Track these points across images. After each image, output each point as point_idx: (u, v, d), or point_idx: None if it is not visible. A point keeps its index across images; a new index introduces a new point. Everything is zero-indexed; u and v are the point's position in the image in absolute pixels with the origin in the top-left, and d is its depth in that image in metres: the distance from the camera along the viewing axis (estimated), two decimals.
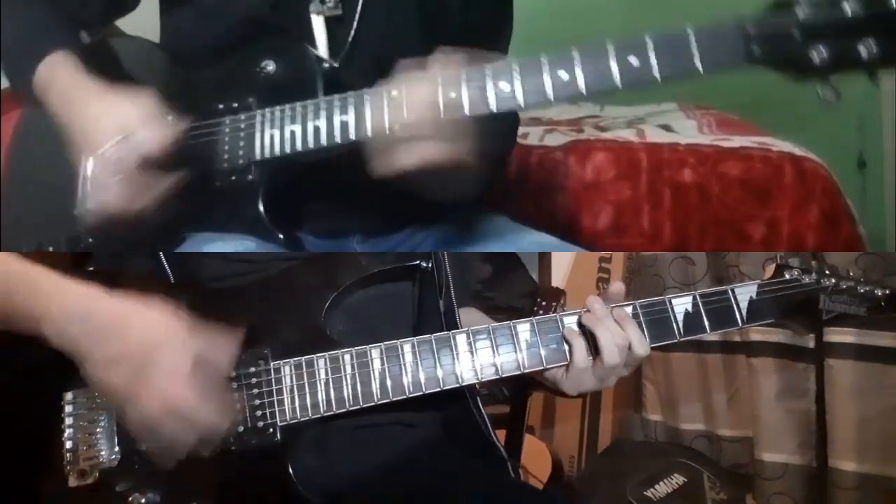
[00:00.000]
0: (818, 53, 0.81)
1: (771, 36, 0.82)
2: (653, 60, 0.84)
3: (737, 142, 1.70)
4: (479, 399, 0.97)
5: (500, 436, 1.70)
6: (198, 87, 1.03)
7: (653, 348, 0.91)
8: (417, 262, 0.94)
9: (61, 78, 0.97)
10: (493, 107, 0.88)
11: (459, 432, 0.98)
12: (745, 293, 0.95)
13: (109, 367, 0.74)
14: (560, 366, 0.90)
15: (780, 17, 0.82)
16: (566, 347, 0.89)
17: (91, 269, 0.95)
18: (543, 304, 1.71)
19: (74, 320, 0.75)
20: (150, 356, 0.74)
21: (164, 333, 0.75)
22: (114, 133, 0.91)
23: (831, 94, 0.82)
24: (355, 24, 1.00)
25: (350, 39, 1.00)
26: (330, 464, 0.88)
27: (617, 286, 0.92)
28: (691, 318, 0.92)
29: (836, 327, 1.66)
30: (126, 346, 0.74)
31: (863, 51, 0.80)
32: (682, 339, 0.92)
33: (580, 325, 0.89)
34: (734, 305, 0.94)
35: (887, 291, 1.00)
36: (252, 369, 0.83)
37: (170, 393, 0.73)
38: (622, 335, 0.88)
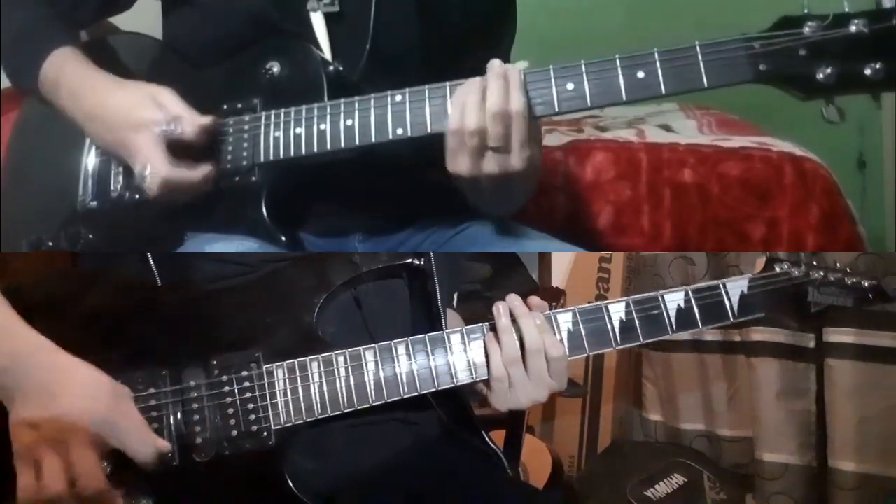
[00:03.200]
0: (823, 73, 0.81)
1: (777, 53, 0.82)
2: (659, 74, 0.85)
3: (737, 142, 1.70)
4: (467, 397, 0.97)
5: (500, 436, 1.71)
6: (202, 86, 1.03)
7: (646, 344, 0.91)
8: (409, 260, 0.94)
9: (72, 71, 0.97)
10: None
11: (456, 431, 0.98)
12: (736, 288, 0.96)
13: (23, 429, 0.74)
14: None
15: (787, 36, 0.82)
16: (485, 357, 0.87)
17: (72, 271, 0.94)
18: None
19: (8, 374, 0.75)
20: (65, 431, 0.73)
21: (88, 408, 0.74)
22: (157, 112, 0.93)
23: (835, 115, 0.82)
24: (360, 27, 1.00)
25: (355, 43, 1.00)
26: (326, 465, 0.87)
27: (537, 301, 0.91)
28: (683, 314, 0.93)
29: (835, 327, 1.66)
30: (49, 413, 0.73)
31: (868, 72, 0.80)
32: (674, 334, 0.93)
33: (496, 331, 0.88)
34: (725, 300, 0.95)
35: (874, 282, 1.02)
36: (244, 373, 0.82)
37: (76, 471, 0.73)
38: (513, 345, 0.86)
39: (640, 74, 0.86)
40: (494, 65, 0.88)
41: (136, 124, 0.93)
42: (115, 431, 0.75)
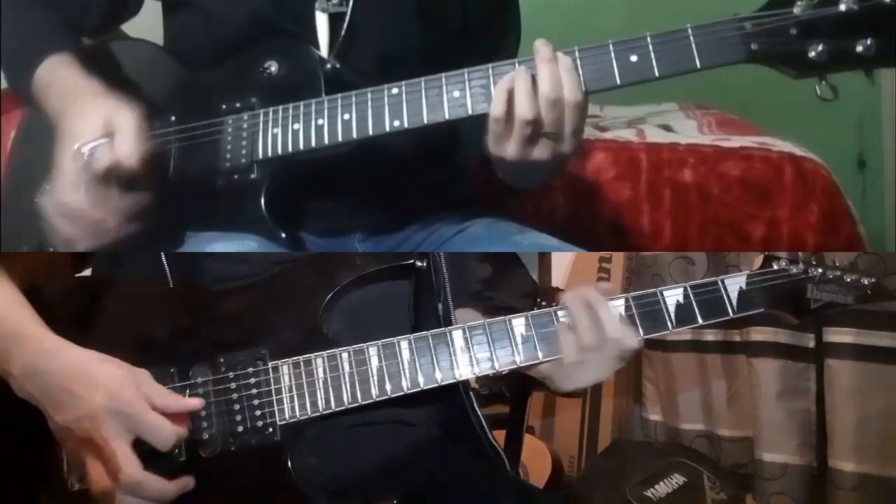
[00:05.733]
0: (815, 51, 0.82)
1: (769, 33, 0.83)
2: (652, 57, 0.85)
3: (737, 142, 1.70)
4: (473, 397, 0.97)
5: (500, 436, 1.70)
6: (201, 87, 1.03)
7: (646, 339, 0.92)
8: (412, 261, 0.94)
9: (61, 78, 0.97)
10: None
11: (458, 431, 0.98)
12: (734, 284, 0.96)
13: (62, 432, 0.77)
14: (553, 359, 0.90)
15: (777, 15, 0.83)
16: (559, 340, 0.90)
17: (85, 275, 0.94)
18: (543, 304, 1.70)
19: (31, 378, 0.76)
20: (93, 429, 0.75)
21: (107, 405, 0.75)
22: (92, 132, 0.90)
23: (829, 92, 0.83)
24: (356, 23, 1.00)
25: (352, 39, 1.00)
26: (330, 462, 0.88)
27: (605, 286, 0.93)
28: (683, 309, 0.94)
29: (835, 327, 1.66)
30: (73, 414, 0.76)
31: (859, 48, 0.80)
32: (675, 330, 0.94)
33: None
34: (724, 296, 0.96)
35: (873, 280, 1.02)
36: (250, 370, 0.84)
37: (109, 470, 0.75)
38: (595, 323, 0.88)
39: (634, 58, 0.86)
40: (542, 49, 0.86)
41: (67, 137, 0.92)
42: (136, 423, 0.76)
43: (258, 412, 0.83)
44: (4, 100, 1.14)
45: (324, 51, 1.00)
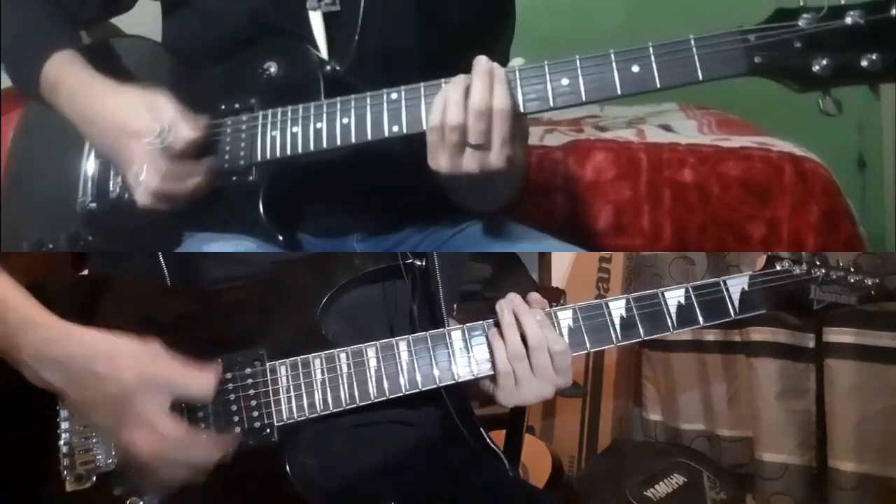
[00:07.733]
0: (819, 65, 0.81)
1: (772, 46, 0.82)
2: (654, 68, 0.84)
3: (737, 142, 1.69)
4: (467, 397, 0.97)
5: (500, 436, 1.70)
6: (200, 87, 1.03)
7: (648, 341, 0.92)
8: (411, 260, 0.94)
9: (71, 75, 0.98)
10: None
11: (457, 431, 0.98)
12: (737, 285, 0.96)
13: (90, 411, 0.77)
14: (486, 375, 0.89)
15: (782, 28, 0.82)
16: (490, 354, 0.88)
17: (85, 273, 0.94)
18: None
19: (46, 364, 0.76)
20: (127, 405, 0.75)
21: (137, 380, 0.75)
22: (152, 121, 0.92)
23: (832, 107, 0.82)
24: (358, 25, 1.00)
25: (353, 41, 1.00)
26: (328, 463, 0.88)
27: (536, 297, 0.91)
28: (684, 311, 0.93)
29: (835, 327, 1.66)
30: (102, 393, 0.75)
31: (864, 63, 0.80)
32: (676, 331, 0.93)
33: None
34: (726, 297, 0.95)
35: (877, 280, 1.02)
36: (248, 370, 0.83)
37: (155, 437, 0.75)
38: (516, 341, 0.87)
39: (635, 68, 0.85)
40: (480, 62, 0.87)
41: (130, 133, 0.93)
42: (170, 385, 0.77)
43: (256, 413, 0.82)
44: (4, 100, 1.14)
45: (323, 51, 1.00)
